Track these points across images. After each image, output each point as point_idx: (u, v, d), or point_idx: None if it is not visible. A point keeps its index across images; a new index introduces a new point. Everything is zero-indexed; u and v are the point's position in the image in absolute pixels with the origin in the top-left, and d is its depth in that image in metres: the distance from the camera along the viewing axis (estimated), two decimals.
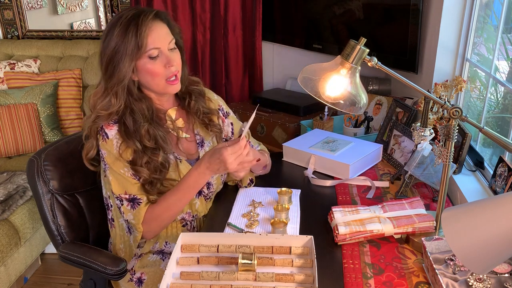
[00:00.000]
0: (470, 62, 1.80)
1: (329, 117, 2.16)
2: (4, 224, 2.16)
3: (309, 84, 1.20)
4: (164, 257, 1.43)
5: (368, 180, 1.61)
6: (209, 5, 2.79)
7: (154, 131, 1.30)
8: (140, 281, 1.39)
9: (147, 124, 1.30)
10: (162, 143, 1.31)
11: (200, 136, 1.46)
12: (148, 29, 1.23)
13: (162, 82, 1.28)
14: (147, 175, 1.28)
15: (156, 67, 1.26)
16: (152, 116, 1.33)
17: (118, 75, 1.24)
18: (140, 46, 1.22)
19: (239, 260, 1.09)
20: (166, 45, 1.27)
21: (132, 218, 1.31)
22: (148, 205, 1.32)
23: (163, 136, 1.32)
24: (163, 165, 1.31)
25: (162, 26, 1.28)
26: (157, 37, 1.25)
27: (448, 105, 1.13)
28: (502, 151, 1.50)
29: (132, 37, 1.21)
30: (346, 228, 1.24)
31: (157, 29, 1.26)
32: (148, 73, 1.27)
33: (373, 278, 1.12)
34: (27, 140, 2.68)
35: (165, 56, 1.27)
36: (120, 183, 1.30)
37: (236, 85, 2.96)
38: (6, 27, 3.16)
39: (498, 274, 1.06)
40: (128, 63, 1.23)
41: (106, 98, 1.27)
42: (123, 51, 1.22)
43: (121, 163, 1.29)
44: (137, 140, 1.28)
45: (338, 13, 2.46)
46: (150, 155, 1.28)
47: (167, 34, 1.29)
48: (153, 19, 1.26)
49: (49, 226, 1.44)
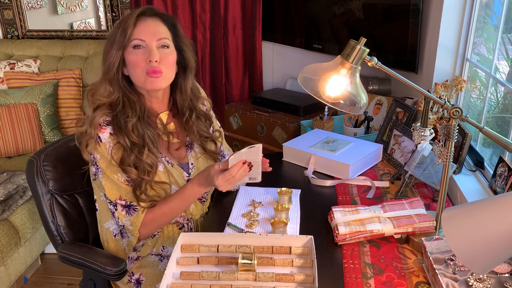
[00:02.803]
0: (470, 62, 1.80)
1: (329, 117, 2.16)
2: (4, 224, 2.16)
3: (309, 84, 1.20)
4: (162, 258, 1.43)
5: (368, 180, 1.60)
6: (209, 5, 2.79)
7: (142, 128, 1.30)
8: (139, 282, 1.39)
9: (136, 119, 1.29)
10: (149, 143, 1.30)
11: (190, 139, 1.45)
12: (138, 21, 1.26)
13: (142, 74, 1.27)
14: (135, 175, 1.27)
15: (138, 58, 1.26)
16: (143, 114, 1.32)
17: (108, 61, 1.27)
18: (125, 35, 1.25)
19: (239, 260, 1.09)
20: (154, 40, 1.27)
21: (129, 224, 1.31)
22: (146, 211, 1.32)
23: (151, 136, 1.31)
24: (149, 165, 1.30)
25: (156, 23, 1.29)
26: (144, 30, 1.26)
27: (448, 105, 1.13)
28: (502, 151, 1.50)
29: (121, 26, 1.26)
30: (346, 228, 1.24)
31: (147, 23, 1.27)
32: (130, 64, 1.27)
33: (373, 278, 1.12)
34: (27, 140, 2.68)
35: (149, 49, 1.26)
36: (115, 188, 1.30)
37: (236, 85, 2.96)
38: (6, 27, 3.16)
39: (498, 274, 1.06)
40: (116, 50, 1.26)
41: (102, 86, 1.30)
42: (113, 40, 1.27)
43: (114, 168, 1.29)
44: (126, 135, 1.28)
45: (338, 13, 2.46)
46: (136, 154, 1.28)
47: (160, 32, 1.29)
48: (148, 15, 1.28)
49: (48, 226, 1.44)
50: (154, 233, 1.41)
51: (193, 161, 1.44)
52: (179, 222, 1.44)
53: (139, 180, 1.28)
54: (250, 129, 2.59)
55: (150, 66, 1.26)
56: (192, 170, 1.43)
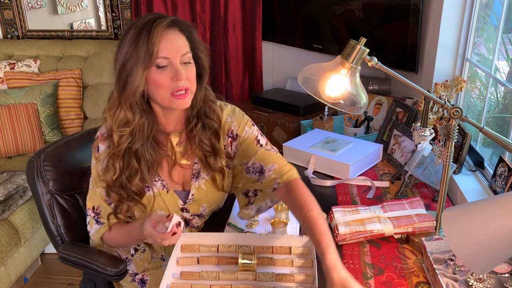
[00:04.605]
0: (470, 62, 1.80)
1: (329, 117, 2.16)
2: (4, 224, 2.16)
3: (309, 84, 1.20)
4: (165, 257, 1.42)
5: (368, 180, 1.60)
6: (209, 5, 2.79)
7: (143, 152, 1.21)
8: (143, 281, 1.39)
9: (141, 143, 1.20)
10: (144, 169, 1.21)
11: (198, 166, 1.31)
12: (160, 35, 1.11)
13: (166, 94, 1.15)
14: (117, 200, 1.24)
15: (162, 78, 1.13)
16: (149, 134, 1.22)
17: (132, 85, 1.13)
18: (150, 53, 1.10)
19: (239, 260, 1.09)
20: (178, 57, 1.14)
21: (93, 233, 1.33)
22: (106, 230, 1.31)
23: (150, 160, 1.22)
24: (135, 193, 1.24)
25: (178, 36, 1.15)
26: (169, 46, 1.12)
27: (448, 105, 1.13)
28: (502, 151, 1.50)
29: (144, 43, 1.11)
30: (346, 228, 1.24)
31: (170, 38, 1.13)
32: (153, 84, 1.14)
33: (373, 278, 1.12)
34: (27, 140, 2.68)
35: (174, 68, 1.13)
36: (95, 198, 1.29)
37: (236, 85, 2.96)
38: (6, 27, 3.16)
39: (498, 274, 1.06)
40: (141, 71, 1.12)
41: (121, 112, 1.17)
42: (135, 58, 1.12)
43: (101, 182, 1.24)
44: (119, 158, 1.20)
45: (338, 13, 2.46)
46: (125, 180, 1.21)
47: (182, 46, 1.16)
48: (168, 26, 1.13)
49: (48, 226, 1.44)
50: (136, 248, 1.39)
51: (194, 192, 1.31)
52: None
53: (120, 204, 1.26)
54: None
55: (176, 86, 1.14)
56: (190, 201, 1.31)
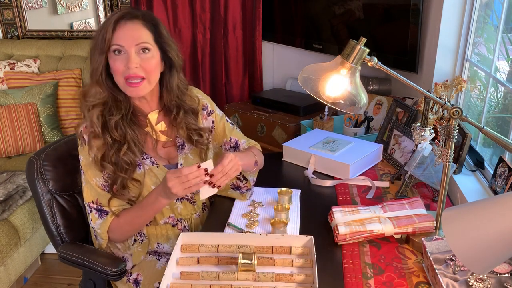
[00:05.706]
0: (470, 62, 1.80)
1: (329, 117, 2.16)
2: (4, 224, 2.16)
3: (309, 84, 1.20)
4: (160, 257, 1.42)
5: (368, 180, 1.60)
6: (209, 5, 2.79)
7: (125, 127, 1.31)
8: (137, 282, 1.39)
9: (119, 117, 1.31)
10: (130, 141, 1.31)
11: (181, 139, 1.44)
12: (117, 25, 1.25)
13: (121, 80, 1.28)
14: (112, 171, 1.29)
15: (116, 63, 1.26)
16: (127, 113, 1.33)
17: (93, 64, 1.29)
18: (105, 40, 1.25)
19: (239, 260, 1.09)
20: (133, 46, 1.25)
21: (98, 227, 1.34)
22: (113, 217, 1.33)
23: (132, 135, 1.32)
24: (127, 163, 1.31)
25: (135, 27, 1.27)
26: (123, 35, 1.25)
27: (448, 105, 1.13)
28: (502, 151, 1.50)
29: (102, 30, 1.26)
30: (346, 228, 1.24)
31: (128, 28, 1.26)
32: (112, 68, 1.28)
33: (373, 278, 1.12)
34: (27, 140, 2.68)
35: (128, 55, 1.26)
36: (91, 191, 1.33)
37: (236, 85, 2.96)
38: (6, 27, 3.15)
39: (498, 274, 1.06)
40: (98, 54, 1.27)
41: (92, 87, 1.31)
42: (96, 43, 1.28)
43: (93, 171, 1.31)
44: (108, 133, 1.29)
45: (338, 13, 2.46)
46: (115, 151, 1.30)
47: (140, 36, 1.27)
48: (129, 18, 1.27)
49: (48, 226, 1.44)
50: (135, 238, 1.40)
51: (182, 162, 1.42)
52: (168, 222, 1.43)
53: (115, 177, 1.30)
54: (250, 129, 2.59)
55: (127, 73, 1.26)
56: None
